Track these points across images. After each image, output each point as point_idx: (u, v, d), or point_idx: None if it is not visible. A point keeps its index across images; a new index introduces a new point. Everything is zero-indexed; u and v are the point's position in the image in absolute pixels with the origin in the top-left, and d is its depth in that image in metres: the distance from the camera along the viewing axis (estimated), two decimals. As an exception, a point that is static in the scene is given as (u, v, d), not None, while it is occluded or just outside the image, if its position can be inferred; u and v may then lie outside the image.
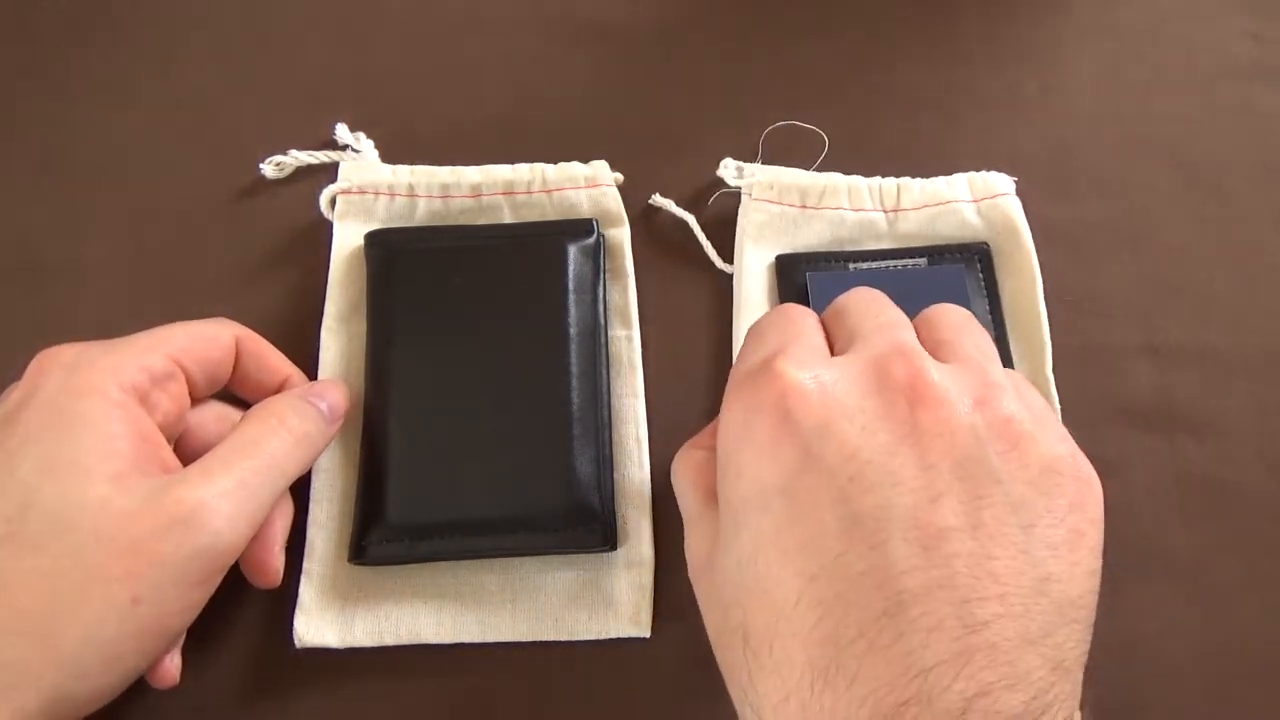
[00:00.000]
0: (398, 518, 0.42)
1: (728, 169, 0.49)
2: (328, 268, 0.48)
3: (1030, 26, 0.55)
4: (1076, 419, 0.44)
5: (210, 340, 0.41)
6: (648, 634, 0.42)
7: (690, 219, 0.49)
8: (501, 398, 0.43)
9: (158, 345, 0.39)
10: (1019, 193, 0.49)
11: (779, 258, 0.48)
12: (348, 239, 0.48)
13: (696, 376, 0.47)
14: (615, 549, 0.43)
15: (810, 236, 0.48)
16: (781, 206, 0.48)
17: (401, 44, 0.54)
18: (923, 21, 0.55)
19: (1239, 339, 0.48)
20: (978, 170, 0.49)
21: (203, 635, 0.41)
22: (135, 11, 0.54)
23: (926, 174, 0.49)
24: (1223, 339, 0.48)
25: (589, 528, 0.42)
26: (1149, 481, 0.45)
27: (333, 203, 0.49)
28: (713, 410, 0.45)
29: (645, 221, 0.50)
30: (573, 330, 0.44)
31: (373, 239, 0.47)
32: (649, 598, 0.42)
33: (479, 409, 0.43)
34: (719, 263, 0.49)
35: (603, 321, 0.46)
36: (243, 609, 0.42)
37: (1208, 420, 0.46)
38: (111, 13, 0.54)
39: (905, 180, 0.48)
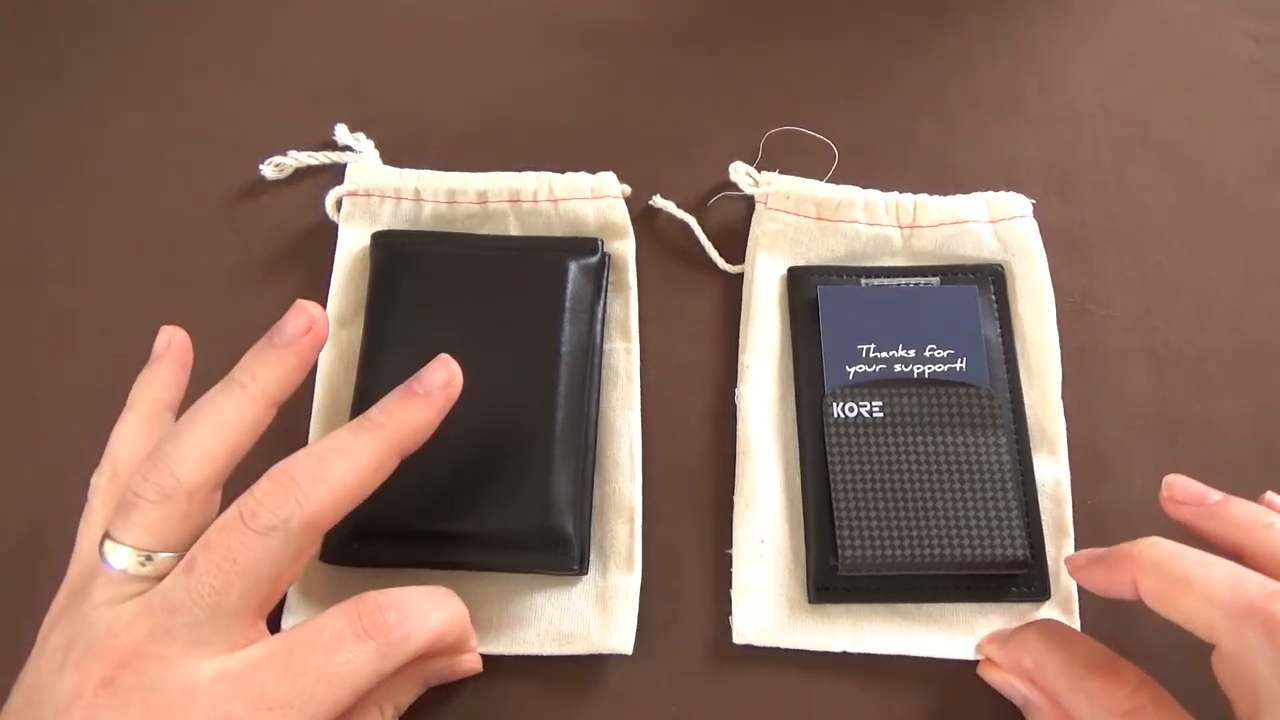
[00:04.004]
0: (372, 521, 0.39)
1: (738, 172, 0.47)
2: (328, 270, 0.46)
3: (1030, 27, 0.53)
4: (1077, 420, 0.44)
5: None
6: (630, 651, 0.40)
7: (691, 221, 0.47)
8: (486, 411, 0.41)
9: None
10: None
11: (791, 269, 0.46)
12: (352, 242, 0.46)
13: (696, 380, 0.45)
14: (586, 573, 0.41)
15: (824, 249, 0.46)
16: (797, 217, 0.46)
17: (402, 44, 0.52)
18: (923, 23, 0.53)
19: (1238, 340, 0.46)
20: (976, 171, 0.48)
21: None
22: (135, 11, 0.53)
23: (926, 175, 0.48)
24: (1222, 340, 0.46)
25: (561, 551, 0.40)
26: (1149, 482, 0.44)
27: (338, 205, 0.47)
28: (713, 413, 0.44)
29: (645, 224, 0.48)
30: (564, 349, 0.42)
31: (380, 239, 0.45)
32: (634, 614, 0.40)
33: (462, 420, 0.40)
34: (721, 263, 0.47)
35: (598, 341, 0.44)
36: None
37: (1208, 422, 0.45)
38: (112, 13, 0.52)
39: (922, 197, 0.46)
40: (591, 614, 0.41)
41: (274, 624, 0.40)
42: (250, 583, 0.32)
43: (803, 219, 0.46)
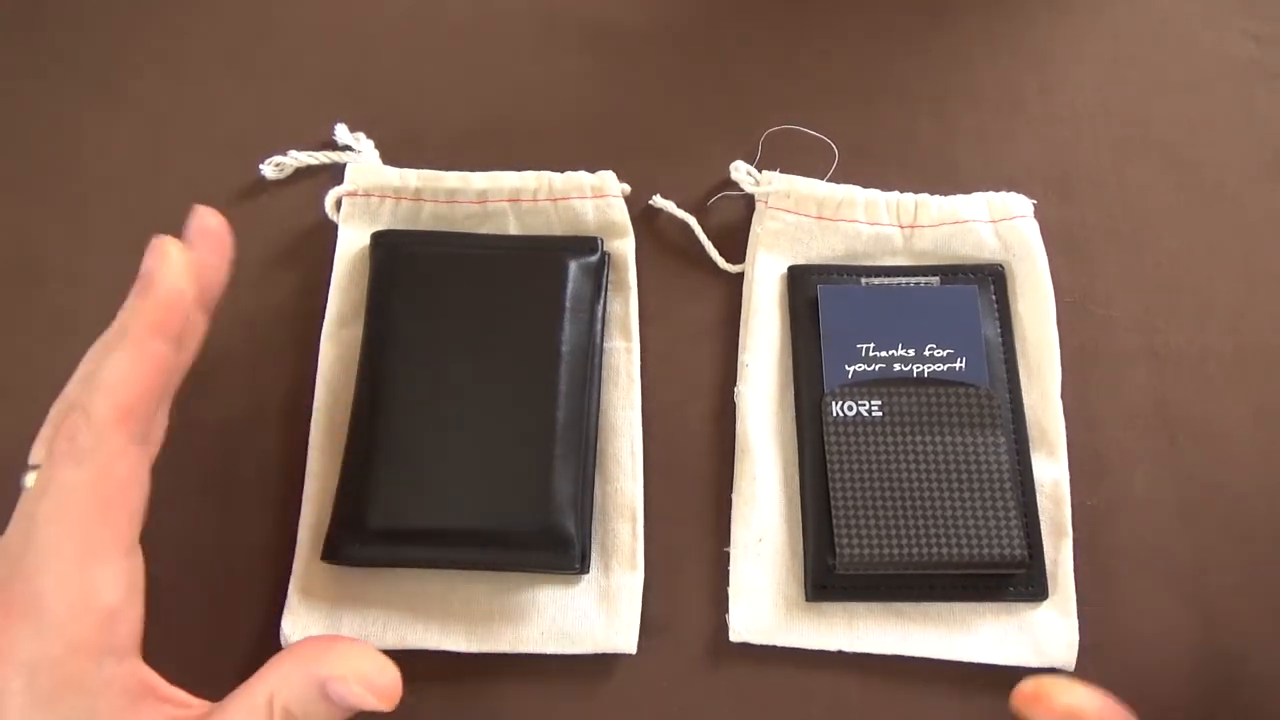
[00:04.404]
0: (372, 521, 0.40)
1: (739, 171, 0.47)
2: (328, 270, 0.45)
3: (1030, 27, 0.53)
4: (1077, 420, 0.44)
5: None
6: (634, 650, 0.40)
7: (692, 220, 0.47)
8: (487, 410, 0.41)
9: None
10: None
11: (791, 268, 0.46)
12: (352, 242, 0.46)
13: (697, 379, 0.45)
14: (587, 571, 0.41)
15: (824, 248, 0.46)
16: (797, 216, 0.46)
17: (402, 44, 0.52)
18: (923, 23, 0.53)
19: (1238, 340, 0.46)
20: (976, 171, 0.48)
21: (194, 633, 0.41)
22: (135, 11, 0.52)
23: (926, 175, 0.48)
24: (1222, 340, 0.46)
25: (562, 550, 0.40)
26: (1149, 482, 0.44)
27: (338, 205, 0.47)
28: (713, 412, 0.44)
29: (645, 223, 0.48)
30: (565, 348, 0.42)
31: (379, 239, 0.45)
32: (636, 613, 0.41)
33: (464, 419, 0.41)
34: (721, 262, 0.46)
35: (599, 340, 0.44)
36: (235, 606, 0.41)
37: (1207, 422, 0.45)
38: (111, 13, 0.52)
39: (923, 197, 0.46)
40: (595, 613, 0.41)
41: (273, 624, 0.40)
42: None
43: (803, 218, 0.46)
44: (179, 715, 0.32)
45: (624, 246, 0.46)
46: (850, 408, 0.43)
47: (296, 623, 0.40)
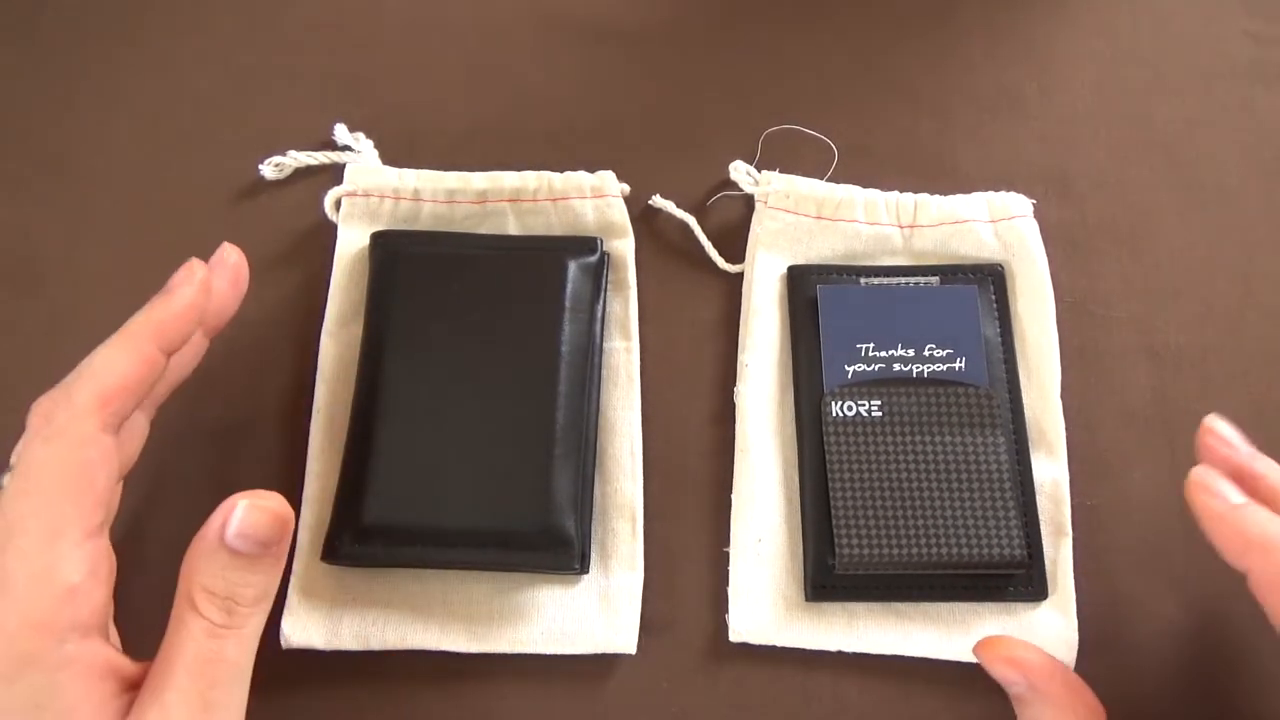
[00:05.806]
0: (372, 521, 0.40)
1: (738, 171, 0.47)
2: (328, 270, 0.45)
3: (1030, 26, 0.53)
4: (1076, 420, 0.44)
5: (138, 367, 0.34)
6: (634, 650, 0.40)
7: (691, 220, 0.47)
8: (487, 410, 0.41)
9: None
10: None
11: (790, 268, 0.46)
12: (351, 242, 0.46)
13: (697, 379, 0.45)
14: (587, 572, 0.41)
15: (824, 248, 0.46)
16: (796, 216, 0.46)
17: (402, 44, 0.52)
18: (923, 22, 0.53)
19: (1238, 340, 0.46)
20: (976, 171, 0.48)
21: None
22: (135, 11, 0.52)
23: (925, 174, 0.48)
24: (1222, 340, 0.46)
25: (562, 550, 0.40)
26: (1149, 482, 0.44)
27: (337, 205, 0.47)
28: (713, 412, 0.44)
29: (645, 223, 0.48)
30: (565, 348, 0.42)
31: (379, 239, 0.45)
32: (636, 613, 0.41)
33: (464, 419, 0.41)
34: (721, 262, 0.46)
35: (598, 340, 0.44)
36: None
37: (1207, 422, 0.45)
38: (111, 13, 0.52)
39: (923, 196, 0.46)
40: (594, 613, 0.41)
41: (273, 624, 0.40)
42: None
43: (802, 218, 0.46)
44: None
45: (624, 246, 0.46)
46: (850, 408, 0.43)
47: (296, 623, 0.40)
